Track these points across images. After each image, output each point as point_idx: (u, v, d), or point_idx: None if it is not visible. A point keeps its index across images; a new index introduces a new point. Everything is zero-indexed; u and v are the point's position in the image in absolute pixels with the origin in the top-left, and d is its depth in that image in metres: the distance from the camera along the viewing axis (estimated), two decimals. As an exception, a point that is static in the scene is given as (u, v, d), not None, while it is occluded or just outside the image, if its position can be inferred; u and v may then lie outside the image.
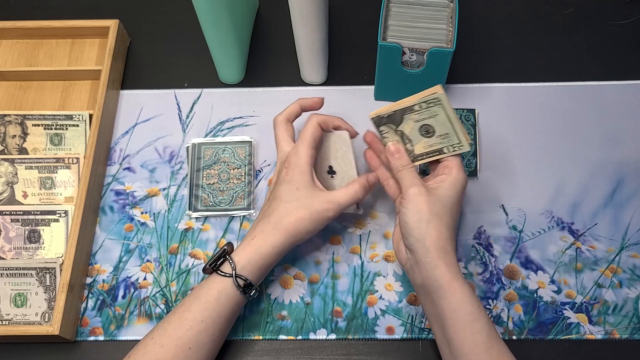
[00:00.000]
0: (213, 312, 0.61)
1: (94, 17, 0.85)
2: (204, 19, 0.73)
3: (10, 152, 0.78)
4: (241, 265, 0.62)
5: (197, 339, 0.61)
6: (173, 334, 0.61)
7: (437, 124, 0.63)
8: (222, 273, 0.62)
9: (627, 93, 0.81)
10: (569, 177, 0.76)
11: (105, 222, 0.75)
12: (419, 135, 0.64)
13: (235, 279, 0.62)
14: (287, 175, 0.65)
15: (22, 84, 0.84)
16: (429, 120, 0.63)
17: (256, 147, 0.79)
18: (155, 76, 0.85)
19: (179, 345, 0.60)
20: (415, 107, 0.62)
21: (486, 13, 0.89)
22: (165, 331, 0.61)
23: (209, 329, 0.61)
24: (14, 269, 0.69)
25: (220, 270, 0.62)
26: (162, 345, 0.60)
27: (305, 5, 0.70)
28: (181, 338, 0.60)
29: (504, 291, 0.71)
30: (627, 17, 0.87)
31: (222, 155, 0.78)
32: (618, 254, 0.72)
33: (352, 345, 0.69)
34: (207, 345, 0.62)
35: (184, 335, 0.60)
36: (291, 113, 0.70)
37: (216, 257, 0.63)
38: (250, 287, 0.63)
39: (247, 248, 0.63)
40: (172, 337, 0.60)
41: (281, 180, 0.66)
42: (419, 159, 0.66)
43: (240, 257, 0.63)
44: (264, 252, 0.63)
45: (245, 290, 0.63)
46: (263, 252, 0.63)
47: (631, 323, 0.69)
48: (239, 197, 0.75)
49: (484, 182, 0.76)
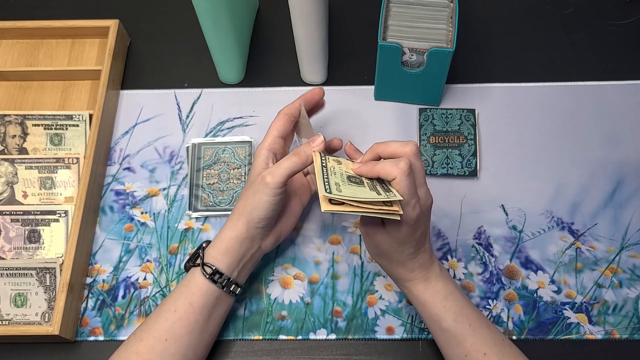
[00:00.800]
0: (184, 301, 0.62)
1: (94, 17, 0.85)
2: (204, 19, 0.73)
3: (10, 152, 0.78)
4: (209, 255, 0.64)
5: (172, 330, 0.62)
6: (151, 328, 0.62)
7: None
8: (193, 264, 0.64)
9: (627, 93, 0.81)
10: (569, 177, 0.76)
11: (105, 222, 0.75)
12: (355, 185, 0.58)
13: (202, 267, 0.63)
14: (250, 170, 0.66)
15: (22, 84, 0.84)
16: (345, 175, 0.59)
17: (256, 147, 0.79)
18: (155, 76, 0.85)
19: (156, 337, 0.61)
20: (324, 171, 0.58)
21: (486, 13, 0.89)
22: (145, 325, 0.63)
23: (182, 319, 0.62)
24: (14, 269, 0.69)
25: (192, 262, 0.64)
26: (142, 339, 0.62)
27: (305, 5, 0.70)
28: (158, 329, 0.62)
29: (504, 291, 0.71)
30: (627, 17, 0.87)
31: (222, 155, 0.78)
32: (618, 254, 0.72)
33: (352, 345, 0.69)
34: (184, 338, 0.62)
35: (160, 326, 0.62)
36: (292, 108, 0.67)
37: (193, 252, 0.66)
38: (220, 275, 0.63)
39: (216, 240, 0.65)
40: (150, 330, 0.62)
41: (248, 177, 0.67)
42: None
43: (209, 248, 0.65)
44: (226, 239, 0.64)
45: (215, 278, 0.63)
46: (223, 237, 0.64)
47: (631, 323, 0.69)
48: (239, 197, 0.75)
49: (484, 182, 0.76)
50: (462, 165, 0.77)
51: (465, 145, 0.77)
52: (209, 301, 0.63)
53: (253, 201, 0.63)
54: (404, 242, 0.60)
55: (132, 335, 0.63)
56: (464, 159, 0.77)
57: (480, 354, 0.60)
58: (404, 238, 0.59)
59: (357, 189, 0.56)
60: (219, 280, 0.63)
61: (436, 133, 0.78)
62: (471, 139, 0.78)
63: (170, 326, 0.62)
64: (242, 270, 0.65)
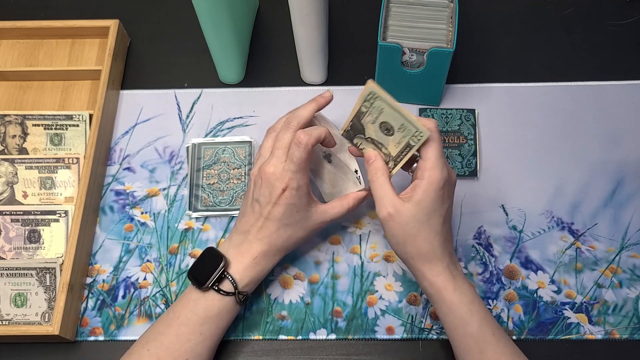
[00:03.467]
0: (212, 326, 0.62)
1: (94, 17, 0.85)
2: (204, 19, 0.73)
3: (10, 152, 0.78)
4: (244, 283, 0.63)
5: (194, 350, 0.62)
6: (170, 347, 0.61)
7: (389, 119, 0.60)
8: (224, 292, 0.62)
9: (627, 93, 0.81)
10: (569, 177, 0.76)
11: (105, 222, 0.75)
12: (384, 136, 0.62)
13: (237, 296, 0.63)
14: (286, 198, 0.63)
15: (22, 84, 0.84)
16: (381, 117, 0.60)
17: (256, 147, 0.79)
18: (155, 76, 0.85)
19: (176, 357, 0.61)
20: (362, 109, 0.61)
21: (486, 13, 0.89)
22: (162, 344, 0.61)
23: (206, 340, 0.62)
24: (14, 269, 0.69)
25: (222, 289, 0.62)
26: (159, 357, 0.61)
27: (305, 5, 0.70)
28: (179, 350, 0.61)
29: (504, 291, 0.71)
30: (627, 17, 0.87)
31: (222, 156, 0.78)
32: (618, 254, 0.72)
33: (352, 345, 0.69)
34: (204, 355, 0.63)
35: (182, 347, 0.61)
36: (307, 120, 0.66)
37: (212, 272, 0.62)
38: (242, 294, 0.64)
39: (251, 268, 0.64)
40: (169, 349, 0.61)
41: (281, 202, 0.63)
42: (397, 161, 0.62)
43: (242, 275, 0.63)
44: (264, 271, 0.65)
45: (240, 298, 0.64)
46: (264, 271, 0.65)
47: (631, 323, 0.69)
48: (239, 197, 0.75)
49: (484, 182, 0.76)
50: (462, 165, 0.77)
51: (465, 145, 0.77)
52: (229, 317, 0.64)
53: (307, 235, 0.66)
54: (433, 211, 0.58)
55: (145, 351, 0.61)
56: (464, 159, 0.77)
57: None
58: (433, 205, 0.58)
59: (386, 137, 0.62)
60: (239, 297, 0.63)
61: (436, 133, 0.78)
62: (471, 139, 0.78)
63: (193, 347, 0.62)
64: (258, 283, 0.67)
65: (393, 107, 0.59)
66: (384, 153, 0.63)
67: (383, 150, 0.63)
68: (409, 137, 0.60)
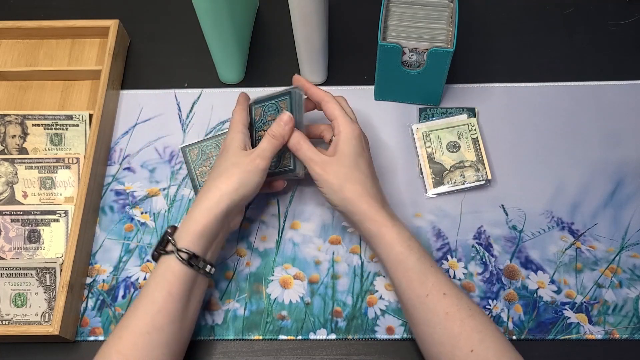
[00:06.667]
0: (163, 292, 0.61)
1: (94, 17, 0.85)
2: (204, 19, 0.73)
3: (10, 152, 0.78)
4: (181, 239, 0.62)
5: (154, 323, 0.60)
6: (130, 323, 0.60)
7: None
8: (164, 252, 0.62)
9: (627, 93, 0.81)
10: (569, 177, 0.76)
11: (105, 222, 0.75)
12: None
13: (177, 253, 0.61)
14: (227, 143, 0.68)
15: (22, 84, 0.84)
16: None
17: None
18: (155, 76, 0.85)
19: (136, 332, 0.60)
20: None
21: (486, 13, 0.89)
22: (123, 322, 0.61)
23: (162, 310, 0.60)
24: (14, 269, 0.69)
25: (164, 250, 0.63)
26: (121, 337, 0.60)
27: (305, 5, 0.70)
28: (137, 325, 0.60)
29: (504, 291, 0.71)
30: (627, 17, 0.87)
31: (207, 151, 0.77)
32: (618, 254, 0.72)
33: (352, 345, 0.69)
34: (167, 328, 0.61)
35: (140, 321, 0.60)
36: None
37: (160, 240, 0.64)
38: (196, 258, 0.62)
39: (185, 222, 0.63)
40: (129, 326, 0.60)
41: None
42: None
43: (180, 232, 0.63)
44: (199, 219, 0.63)
45: (192, 262, 0.62)
46: (199, 219, 0.63)
47: (631, 323, 0.69)
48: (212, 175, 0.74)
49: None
50: (462, 165, 0.76)
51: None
52: (187, 287, 0.62)
53: (241, 180, 0.64)
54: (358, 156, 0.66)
55: (110, 335, 0.61)
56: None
57: (440, 294, 0.61)
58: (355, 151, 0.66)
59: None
60: (196, 264, 0.62)
61: (436, 133, 0.78)
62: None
63: (151, 319, 0.60)
64: (215, 250, 0.65)
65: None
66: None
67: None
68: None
